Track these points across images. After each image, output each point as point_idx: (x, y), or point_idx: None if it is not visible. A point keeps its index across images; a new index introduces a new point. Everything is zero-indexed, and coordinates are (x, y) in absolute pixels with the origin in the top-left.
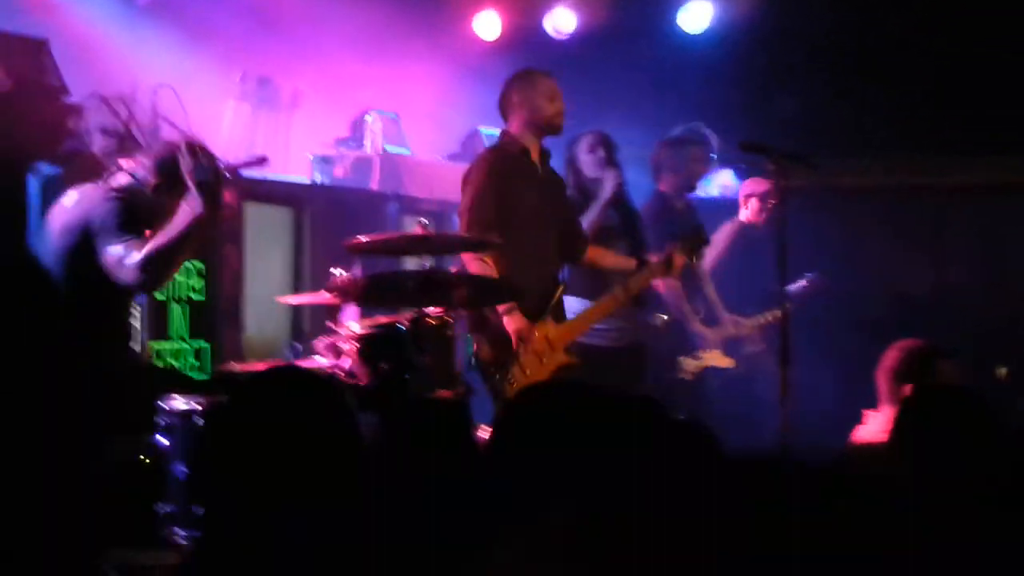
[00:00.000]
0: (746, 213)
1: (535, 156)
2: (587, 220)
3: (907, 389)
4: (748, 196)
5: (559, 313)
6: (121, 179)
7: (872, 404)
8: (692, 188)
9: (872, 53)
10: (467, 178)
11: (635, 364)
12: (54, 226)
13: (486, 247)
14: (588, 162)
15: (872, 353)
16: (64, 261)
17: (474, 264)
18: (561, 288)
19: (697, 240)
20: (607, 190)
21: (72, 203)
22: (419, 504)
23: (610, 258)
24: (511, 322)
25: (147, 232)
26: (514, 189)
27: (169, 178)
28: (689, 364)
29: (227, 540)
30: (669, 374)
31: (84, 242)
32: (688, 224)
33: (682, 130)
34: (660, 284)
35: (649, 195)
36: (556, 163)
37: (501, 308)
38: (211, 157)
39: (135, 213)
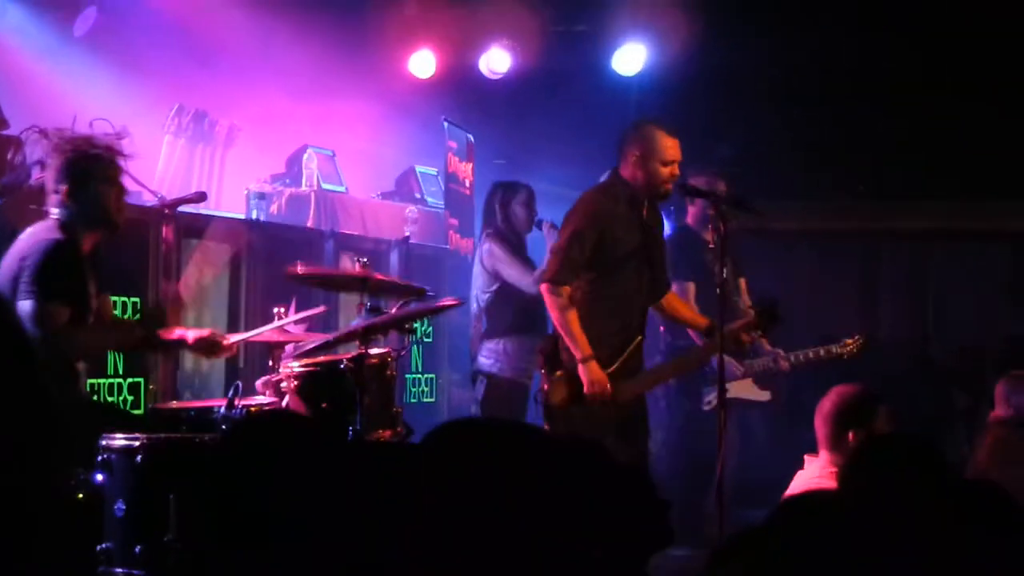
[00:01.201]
0: None
1: (640, 203)
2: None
3: (848, 435)
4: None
5: (638, 362)
6: (55, 209)
7: (802, 445)
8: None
9: (807, 97)
10: (570, 216)
11: None
12: (5, 259)
13: (421, 294)
14: (521, 216)
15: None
16: (9, 296)
17: (556, 308)
18: (639, 339)
19: (771, 316)
20: (552, 234)
21: (25, 236)
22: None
23: (687, 312)
24: (587, 371)
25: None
26: (614, 234)
27: (78, 180)
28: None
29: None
30: (693, 405)
31: (16, 278)
32: (766, 299)
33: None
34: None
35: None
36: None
37: (578, 354)
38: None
39: (64, 264)
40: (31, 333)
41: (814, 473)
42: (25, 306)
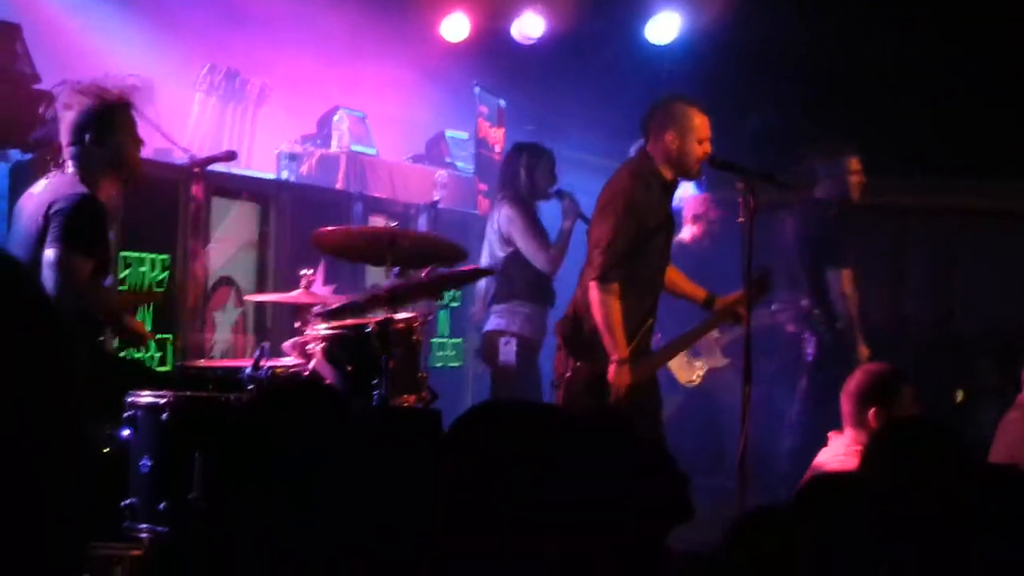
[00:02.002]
0: (689, 231)
1: (672, 187)
2: (566, 239)
3: (872, 412)
4: (691, 215)
5: (646, 342)
6: (70, 165)
7: (830, 423)
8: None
9: (842, 68)
10: (607, 205)
11: None
12: (23, 212)
13: (453, 260)
14: (543, 184)
15: (826, 371)
16: (32, 248)
17: (604, 305)
18: (651, 321)
19: (762, 287)
20: (571, 209)
21: (40, 189)
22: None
23: (687, 285)
24: (619, 374)
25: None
26: (647, 223)
27: (103, 128)
28: (692, 370)
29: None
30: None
31: (43, 228)
32: (757, 269)
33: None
34: None
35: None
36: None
37: (614, 354)
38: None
39: (92, 218)
40: (53, 281)
41: (838, 451)
42: (50, 255)
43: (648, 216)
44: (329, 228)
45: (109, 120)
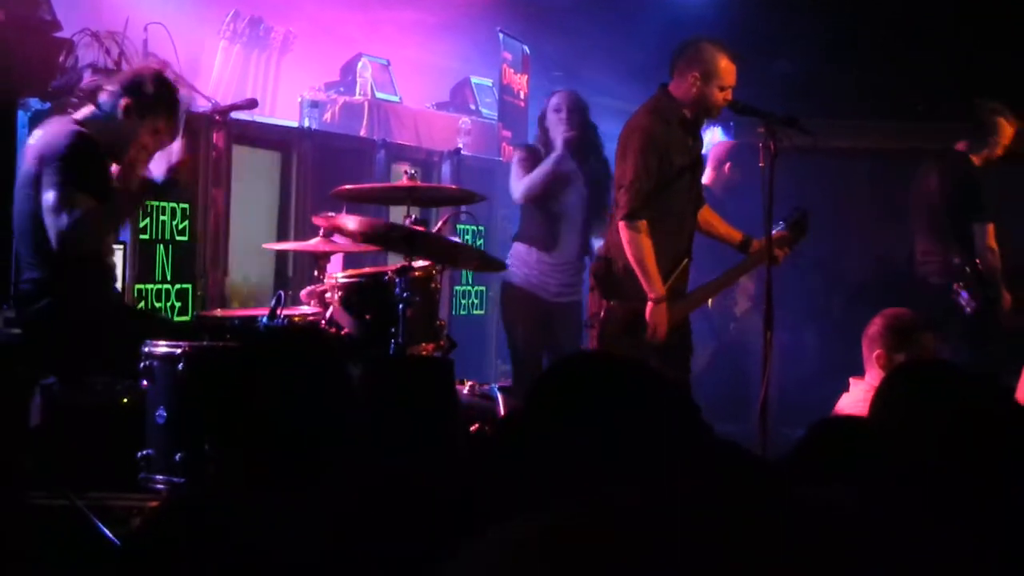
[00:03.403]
0: (707, 175)
1: (691, 124)
2: (541, 171)
3: (876, 355)
4: (713, 160)
5: (684, 282)
6: (85, 111)
7: (854, 367)
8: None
9: (870, 16)
10: (626, 144)
11: (577, 321)
12: (24, 159)
13: (471, 200)
14: (553, 120)
15: (854, 315)
16: (30, 197)
17: (633, 243)
18: (687, 261)
19: (801, 228)
20: (557, 145)
21: (37, 137)
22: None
23: (722, 227)
24: (655, 312)
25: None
26: (671, 158)
27: (139, 101)
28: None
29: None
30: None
31: (38, 173)
32: (795, 211)
33: None
34: None
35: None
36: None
37: (651, 293)
38: (172, 91)
39: (89, 156)
40: (54, 223)
41: (858, 396)
42: (49, 198)
43: (670, 151)
44: (347, 187)
45: (154, 105)
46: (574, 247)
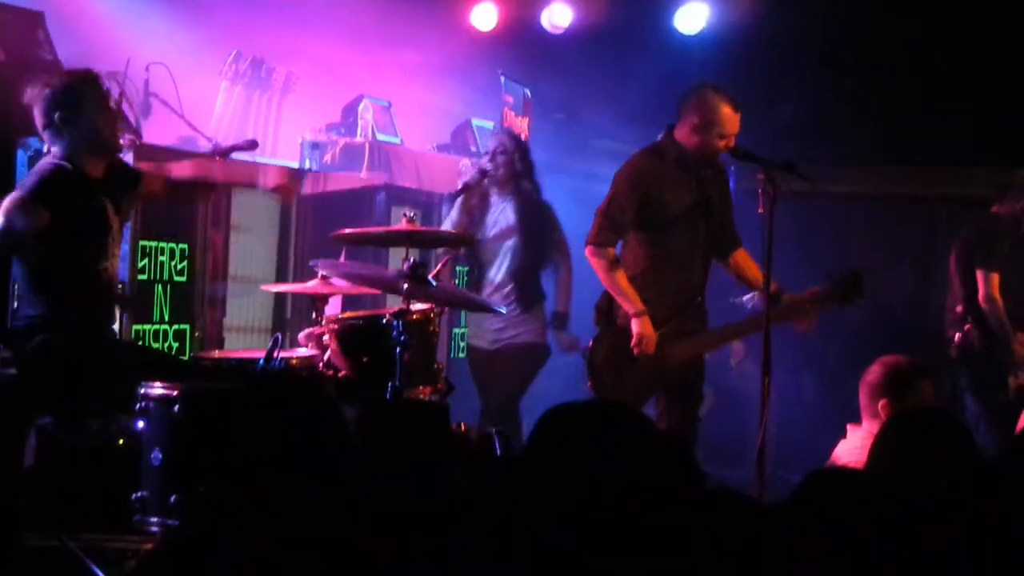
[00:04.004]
0: None
1: (690, 164)
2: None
3: (882, 404)
4: None
5: (697, 323)
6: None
7: (850, 412)
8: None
9: (870, 60)
10: (615, 178)
11: (516, 365)
12: None
13: (466, 243)
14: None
15: (852, 361)
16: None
17: (601, 269)
18: (699, 300)
19: (853, 290)
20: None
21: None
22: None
23: (753, 272)
24: (638, 325)
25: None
26: (661, 194)
27: (64, 109)
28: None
29: (210, 528)
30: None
31: None
32: (846, 271)
33: None
34: None
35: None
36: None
37: (630, 309)
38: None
39: (56, 174)
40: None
41: (855, 443)
42: (4, 200)
43: (661, 188)
44: (346, 231)
45: (76, 97)
46: (497, 293)
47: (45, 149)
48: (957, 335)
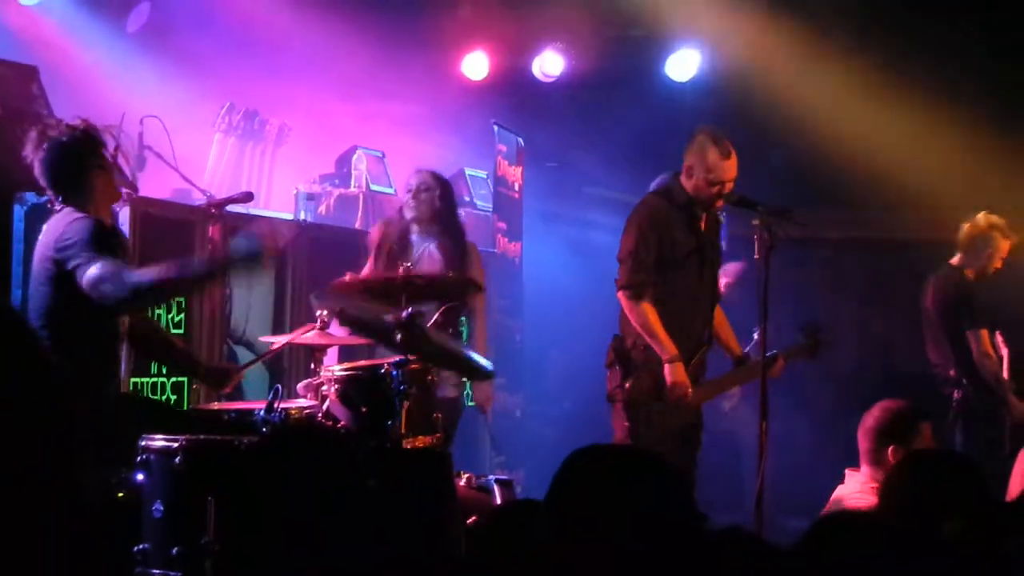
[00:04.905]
0: None
1: (693, 208)
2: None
3: (889, 450)
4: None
5: (698, 371)
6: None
7: (844, 456)
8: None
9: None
10: (630, 222)
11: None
12: (35, 259)
13: (466, 292)
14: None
15: (845, 406)
16: (46, 296)
17: (634, 312)
18: (706, 348)
19: (815, 344)
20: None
21: (43, 233)
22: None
23: (725, 332)
24: (672, 372)
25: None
26: (672, 235)
27: (62, 168)
28: None
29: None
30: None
31: (57, 269)
32: (811, 325)
33: None
34: None
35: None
36: None
37: (664, 355)
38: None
39: (109, 232)
40: (107, 294)
41: (854, 488)
42: (93, 271)
43: (672, 229)
44: (344, 280)
45: (74, 155)
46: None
47: (51, 205)
48: (956, 393)
